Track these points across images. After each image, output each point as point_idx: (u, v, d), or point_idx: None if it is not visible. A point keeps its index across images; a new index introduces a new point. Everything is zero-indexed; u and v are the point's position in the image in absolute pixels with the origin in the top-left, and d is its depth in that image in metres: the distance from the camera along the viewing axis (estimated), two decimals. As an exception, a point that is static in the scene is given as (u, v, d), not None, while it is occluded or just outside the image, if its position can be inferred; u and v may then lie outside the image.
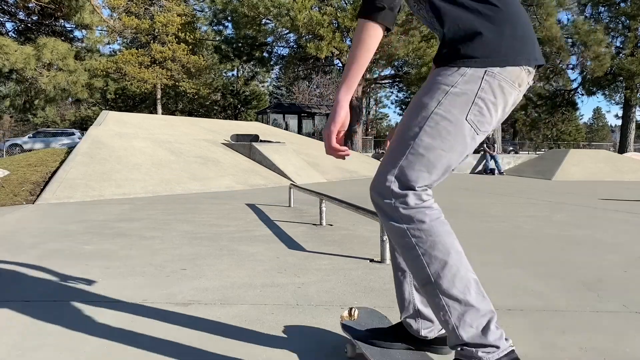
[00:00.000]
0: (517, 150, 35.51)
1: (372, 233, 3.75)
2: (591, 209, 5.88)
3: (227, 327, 1.92)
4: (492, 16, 1.19)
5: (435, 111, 1.19)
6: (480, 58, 1.18)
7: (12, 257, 3.04)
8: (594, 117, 66.94)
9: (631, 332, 1.91)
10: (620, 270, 2.87)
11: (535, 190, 8.57)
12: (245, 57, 23.22)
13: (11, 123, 45.96)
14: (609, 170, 12.61)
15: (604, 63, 23.31)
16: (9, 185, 6.30)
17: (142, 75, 25.68)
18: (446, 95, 1.19)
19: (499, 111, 1.22)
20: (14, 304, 2.17)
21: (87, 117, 38.10)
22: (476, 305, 1.16)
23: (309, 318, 2.03)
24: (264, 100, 43.48)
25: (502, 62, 1.18)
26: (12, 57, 19.96)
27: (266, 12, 18.26)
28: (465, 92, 1.18)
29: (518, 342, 1.80)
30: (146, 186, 6.97)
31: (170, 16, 25.84)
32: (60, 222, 4.41)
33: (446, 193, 7.81)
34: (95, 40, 25.59)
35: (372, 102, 52.30)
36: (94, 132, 9.16)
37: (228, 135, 12.03)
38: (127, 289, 2.40)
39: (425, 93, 1.23)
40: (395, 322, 1.52)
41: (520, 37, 1.21)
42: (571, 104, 32.37)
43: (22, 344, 1.73)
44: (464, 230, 4.26)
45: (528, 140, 45.10)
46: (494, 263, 3.03)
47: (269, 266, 2.89)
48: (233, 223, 4.47)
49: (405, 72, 23.41)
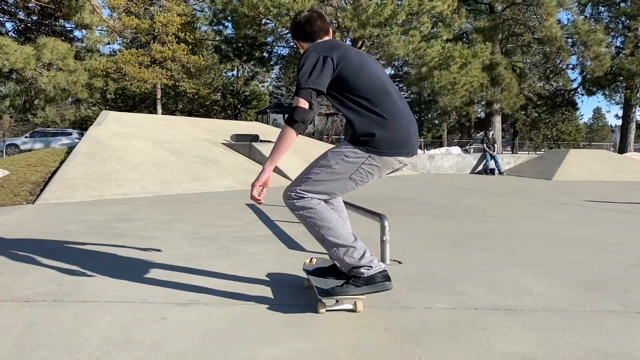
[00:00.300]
0: (513, 147, 35.52)
1: (372, 233, 3.75)
2: (591, 209, 5.88)
3: (227, 327, 1.92)
4: (382, 124, 1.96)
5: (332, 166, 2.01)
6: (369, 147, 1.97)
7: (12, 257, 3.04)
8: (594, 117, 66.95)
9: (631, 332, 1.91)
10: (620, 270, 2.87)
11: (535, 190, 8.57)
12: (245, 57, 23.21)
13: (11, 123, 45.95)
14: (609, 170, 12.61)
15: (604, 63, 23.30)
16: (9, 185, 6.30)
17: (142, 75, 25.68)
18: (342, 160, 2.00)
19: (374, 177, 2.05)
20: (14, 304, 2.17)
21: (87, 117, 38.09)
22: (353, 245, 2.00)
23: (309, 318, 2.03)
24: (264, 100, 43.48)
25: (380, 154, 1.97)
26: (12, 57, 19.95)
27: (266, 12, 18.25)
28: (355, 163, 1.99)
29: (518, 342, 1.80)
30: (146, 186, 6.97)
31: (170, 16, 25.83)
32: (60, 222, 4.41)
33: (446, 193, 7.81)
34: (95, 40, 25.57)
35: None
36: (94, 132, 9.16)
37: (228, 135, 12.03)
38: (127, 289, 2.40)
39: (332, 151, 2.04)
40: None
41: (397, 140, 1.98)
42: (571, 104, 32.38)
43: (22, 344, 1.73)
44: (464, 230, 4.26)
45: (528, 140, 45.09)
46: (494, 263, 3.03)
47: (269, 266, 2.89)
48: (233, 223, 4.47)
49: (405, 72, 23.41)
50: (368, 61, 2.07)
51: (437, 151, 18.25)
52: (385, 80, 2.07)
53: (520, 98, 24.67)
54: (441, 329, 1.92)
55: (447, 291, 2.43)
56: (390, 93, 2.03)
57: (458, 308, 2.18)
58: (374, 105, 1.97)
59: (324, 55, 1.98)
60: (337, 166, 2.00)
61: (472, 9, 25.59)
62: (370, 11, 17.16)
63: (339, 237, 2.00)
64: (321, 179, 2.01)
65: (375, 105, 1.97)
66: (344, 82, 1.99)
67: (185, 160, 8.76)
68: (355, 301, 2.09)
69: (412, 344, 1.78)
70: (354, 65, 2.00)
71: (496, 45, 23.19)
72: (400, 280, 2.62)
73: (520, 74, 27.04)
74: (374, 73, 2.04)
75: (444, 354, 1.70)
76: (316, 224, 2.01)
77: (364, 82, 1.99)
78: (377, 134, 1.95)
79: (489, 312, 2.13)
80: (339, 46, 2.06)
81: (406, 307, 2.19)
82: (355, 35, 18.40)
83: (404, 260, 3.08)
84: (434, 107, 36.21)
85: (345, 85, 1.99)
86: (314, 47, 2.05)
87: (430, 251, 3.37)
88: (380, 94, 2.00)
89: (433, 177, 12.00)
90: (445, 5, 18.70)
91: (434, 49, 18.70)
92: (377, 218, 3.03)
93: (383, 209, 3.99)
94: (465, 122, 41.05)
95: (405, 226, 4.45)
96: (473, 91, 21.27)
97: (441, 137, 42.94)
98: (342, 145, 2.03)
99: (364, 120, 1.97)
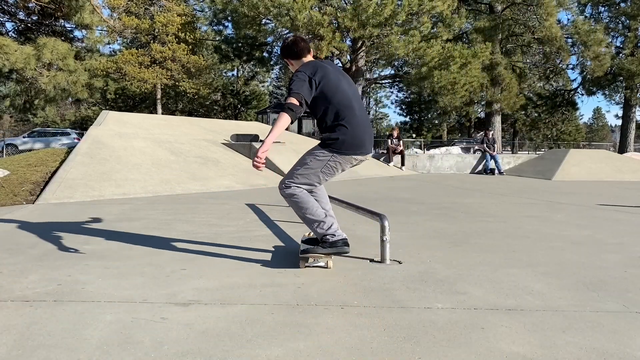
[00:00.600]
0: (513, 147, 35.51)
1: (372, 233, 3.75)
2: (591, 209, 5.88)
3: (227, 327, 1.92)
4: (344, 133, 2.68)
5: (308, 163, 2.74)
6: (333, 148, 2.70)
7: (12, 257, 3.04)
8: (594, 117, 66.95)
9: (631, 332, 1.91)
10: (620, 270, 2.87)
11: (535, 190, 8.57)
12: (245, 57, 23.17)
13: (11, 123, 45.95)
14: (609, 170, 12.61)
15: (604, 63, 23.28)
16: (9, 185, 6.30)
17: (142, 75, 25.64)
18: (314, 158, 2.73)
19: (339, 170, 2.78)
20: (14, 304, 2.17)
21: (87, 117, 38.07)
22: (323, 220, 2.72)
23: (309, 318, 2.03)
24: (264, 100, 43.46)
25: (340, 153, 2.70)
26: (12, 57, 19.93)
27: (266, 12, 18.23)
28: (322, 160, 2.72)
29: (518, 342, 1.80)
30: (146, 186, 6.97)
31: (170, 16, 25.79)
32: (60, 222, 4.41)
33: (446, 193, 7.81)
34: (95, 40, 25.53)
35: (372, 102, 52.32)
36: (94, 132, 9.16)
37: (228, 135, 12.03)
38: (127, 289, 2.40)
39: (308, 153, 2.78)
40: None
41: (353, 144, 2.70)
42: (571, 104, 32.37)
43: (22, 344, 1.73)
44: (464, 230, 4.26)
45: (528, 140, 45.08)
46: (494, 263, 3.03)
47: (269, 266, 2.89)
48: (233, 223, 4.47)
49: (405, 72, 23.35)
50: (342, 82, 2.77)
51: (437, 151, 18.24)
52: (352, 97, 2.76)
53: (520, 98, 24.66)
54: (441, 329, 1.92)
55: (447, 291, 2.43)
56: (354, 108, 2.74)
57: (458, 308, 2.18)
58: (341, 118, 2.69)
59: (309, 76, 2.67)
60: (311, 163, 2.74)
61: (472, 9, 25.57)
62: (370, 11, 17.14)
63: (314, 215, 2.73)
64: (301, 173, 2.75)
65: (342, 118, 2.69)
66: (322, 98, 2.70)
67: (185, 160, 8.76)
68: (327, 261, 2.85)
69: (412, 344, 1.78)
70: (331, 86, 2.70)
71: (496, 45, 23.17)
72: (400, 280, 2.62)
73: (520, 74, 27.04)
74: (345, 92, 2.74)
75: (444, 354, 1.70)
76: (299, 205, 2.73)
77: (337, 100, 2.69)
78: (339, 139, 2.68)
79: (489, 312, 2.13)
80: (321, 67, 2.74)
81: (406, 307, 2.19)
82: (355, 35, 18.39)
83: (404, 260, 3.08)
84: (434, 107, 36.20)
85: (323, 101, 2.70)
86: (303, 68, 2.74)
87: (430, 251, 3.37)
88: (347, 110, 2.71)
89: (433, 177, 12.00)
90: (445, 5, 18.68)
91: (434, 49, 18.68)
92: (377, 218, 3.03)
93: (383, 209, 3.99)
94: (465, 122, 41.04)
95: (405, 226, 4.45)
96: (473, 91, 21.25)
97: (441, 137, 42.93)
98: (314, 148, 2.79)
99: (331, 128, 2.71)
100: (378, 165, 13.28)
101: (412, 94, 39.42)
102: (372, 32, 17.88)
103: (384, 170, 12.54)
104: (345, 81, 2.80)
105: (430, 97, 28.15)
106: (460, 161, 14.99)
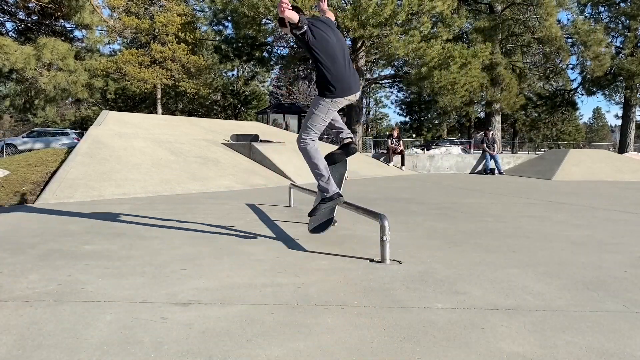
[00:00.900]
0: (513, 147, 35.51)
1: (372, 233, 3.75)
2: (591, 209, 5.88)
3: (227, 327, 1.92)
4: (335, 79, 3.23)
5: (315, 111, 3.32)
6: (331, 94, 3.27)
7: (12, 257, 3.04)
8: (593, 117, 66.97)
9: (631, 332, 1.91)
10: (620, 270, 2.87)
11: (535, 190, 8.57)
12: (245, 57, 23.16)
13: (11, 123, 45.94)
14: (609, 170, 12.61)
15: (604, 63, 23.28)
16: (9, 185, 6.30)
17: (142, 75, 25.63)
18: (319, 105, 3.31)
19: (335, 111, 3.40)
20: (14, 304, 2.17)
21: (87, 117, 38.06)
22: (327, 175, 3.34)
23: (309, 318, 2.03)
24: (264, 100, 43.46)
25: (336, 97, 3.28)
26: (12, 57, 19.93)
27: (266, 12, 18.23)
28: (324, 105, 3.30)
29: (518, 342, 1.80)
30: (146, 186, 6.97)
31: (170, 16, 25.78)
32: (60, 222, 4.41)
33: (446, 193, 7.81)
34: (95, 40, 25.54)
35: (372, 102, 52.30)
36: (94, 132, 9.16)
37: (228, 135, 12.03)
38: (127, 289, 2.40)
39: (313, 104, 3.36)
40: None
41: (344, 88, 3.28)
42: (571, 104, 32.37)
43: (22, 344, 1.73)
44: (464, 230, 4.26)
45: (528, 140, 45.07)
46: (494, 263, 3.03)
47: (269, 266, 2.89)
48: (233, 223, 4.47)
49: (405, 72, 23.33)
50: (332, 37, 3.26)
51: (437, 151, 18.24)
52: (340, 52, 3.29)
53: (520, 98, 24.65)
54: (441, 329, 1.92)
55: (447, 291, 2.43)
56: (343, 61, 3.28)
57: (458, 308, 2.18)
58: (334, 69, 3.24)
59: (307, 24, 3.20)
60: (317, 111, 3.31)
61: (472, 9, 25.56)
62: (370, 11, 17.14)
63: (319, 169, 3.34)
64: (312, 124, 3.33)
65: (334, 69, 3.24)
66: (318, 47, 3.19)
67: (185, 160, 8.76)
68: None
69: (412, 344, 1.78)
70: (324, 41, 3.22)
71: (496, 45, 23.17)
72: (400, 280, 2.62)
73: (520, 74, 27.03)
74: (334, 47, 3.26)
75: (444, 354, 1.70)
76: (312, 161, 3.34)
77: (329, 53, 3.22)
78: (335, 87, 3.25)
79: (489, 312, 2.13)
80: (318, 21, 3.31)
81: (406, 307, 2.19)
82: (355, 35, 18.39)
83: (404, 260, 3.08)
84: (434, 107, 36.19)
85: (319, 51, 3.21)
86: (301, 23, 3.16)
87: (430, 251, 3.37)
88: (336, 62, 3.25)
89: (433, 177, 12.00)
90: (445, 5, 18.68)
91: (433, 49, 18.67)
92: (377, 218, 3.03)
93: (383, 209, 3.99)
94: (465, 122, 41.04)
95: (405, 226, 4.45)
96: (473, 91, 21.25)
97: (441, 137, 42.93)
98: (315, 98, 3.37)
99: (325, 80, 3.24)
100: (378, 165, 13.28)
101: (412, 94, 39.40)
102: (372, 32, 17.88)
103: (384, 170, 12.54)
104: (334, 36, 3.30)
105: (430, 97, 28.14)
106: (460, 161, 14.99)
